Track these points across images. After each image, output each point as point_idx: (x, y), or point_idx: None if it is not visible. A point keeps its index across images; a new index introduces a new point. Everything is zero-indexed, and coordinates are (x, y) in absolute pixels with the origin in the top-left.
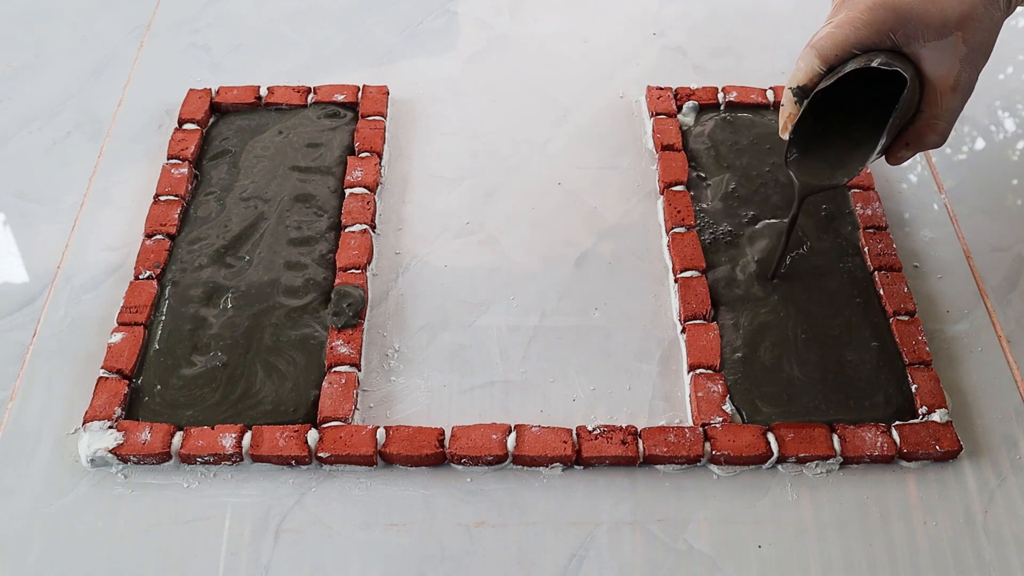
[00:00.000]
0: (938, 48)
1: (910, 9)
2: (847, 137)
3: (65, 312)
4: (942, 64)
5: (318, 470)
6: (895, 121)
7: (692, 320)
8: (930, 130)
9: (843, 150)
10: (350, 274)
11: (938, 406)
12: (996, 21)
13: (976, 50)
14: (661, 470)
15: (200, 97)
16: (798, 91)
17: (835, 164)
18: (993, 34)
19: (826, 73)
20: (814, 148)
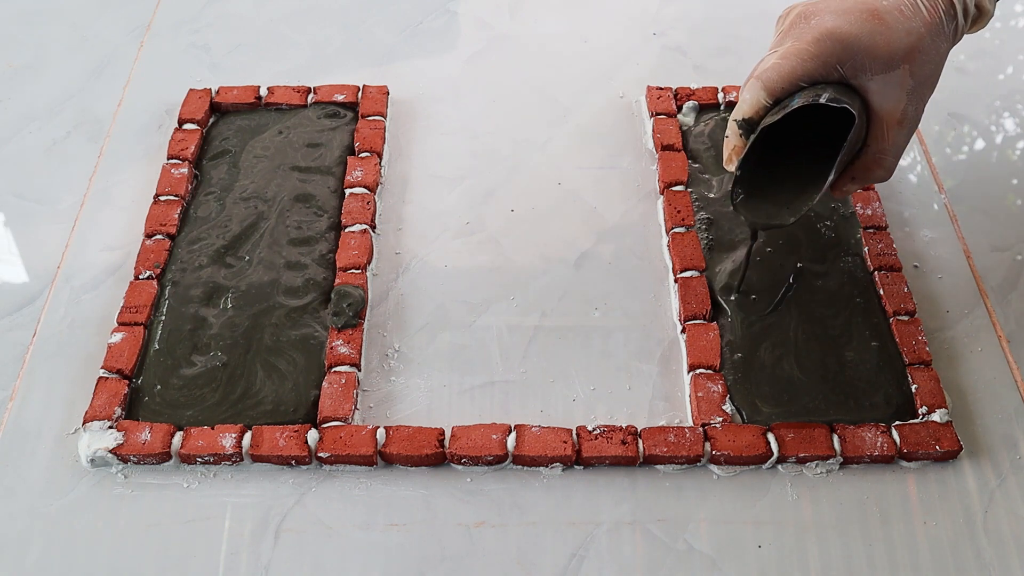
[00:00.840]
0: (885, 81)
1: (857, 41)
2: (793, 173)
3: (65, 312)
4: (889, 97)
5: (318, 470)
6: (843, 158)
7: (692, 320)
8: (876, 165)
9: (790, 188)
10: (350, 274)
11: (938, 406)
12: (942, 53)
13: (923, 83)
14: (661, 470)
15: (200, 97)
16: (743, 123)
17: (782, 202)
18: (939, 66)
19: (772, 106)
20: (760, 185)
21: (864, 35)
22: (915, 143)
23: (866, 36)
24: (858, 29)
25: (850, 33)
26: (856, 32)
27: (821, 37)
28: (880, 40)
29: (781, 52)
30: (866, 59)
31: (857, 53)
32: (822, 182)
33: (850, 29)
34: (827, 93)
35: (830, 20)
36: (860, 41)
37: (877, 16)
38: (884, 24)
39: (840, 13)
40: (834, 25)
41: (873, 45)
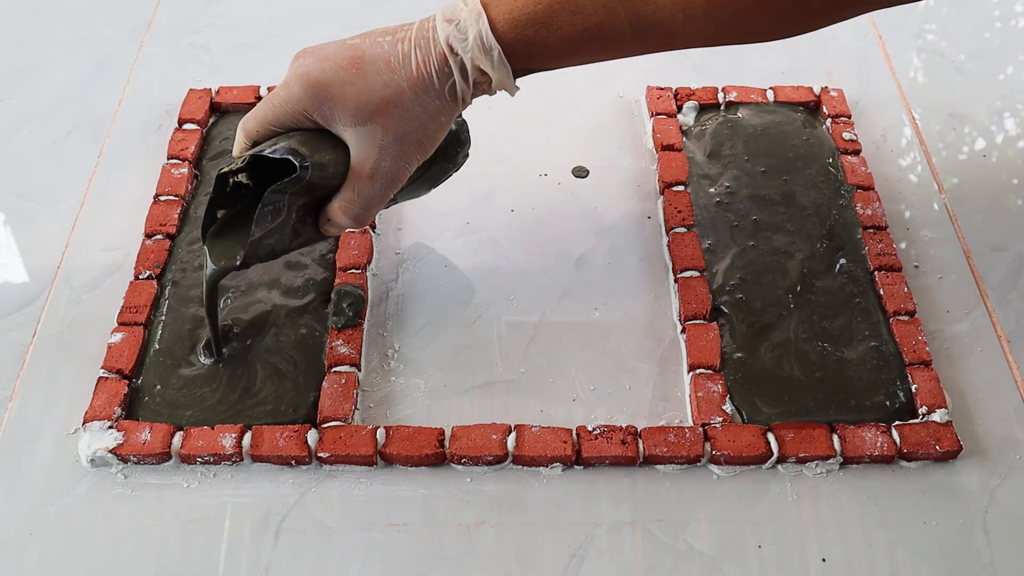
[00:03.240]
0: (357, 134)
1: (327, 89)
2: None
3: (65, 312)
4: (360, 150)
5: (318, 470)
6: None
7: (692, 320)
8: (343, 212)
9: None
10: (350, 274)
11: (938, 406)
12: (432, 111)
13: (402, 139)
14: (661, 470)
15: (200, 97)
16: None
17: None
18: (429, 124)
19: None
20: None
21: (336, 84)
22: (915, 143)
23: (337, 86)
24: (330, 77)
25: (320, 80)
26: (328, 80)
27: (291, 80)
28: (351, 91)
29: (267, 95)
30: (334, 109)
31: (325, 103)
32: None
33: (321, 76)
34: (284, 143)
35: (308, 64)
36: (330, 90)
37: (357, 65)
38: (361, 74)
39: (322, 58)
40: (307, 70)
41: (343, 95)
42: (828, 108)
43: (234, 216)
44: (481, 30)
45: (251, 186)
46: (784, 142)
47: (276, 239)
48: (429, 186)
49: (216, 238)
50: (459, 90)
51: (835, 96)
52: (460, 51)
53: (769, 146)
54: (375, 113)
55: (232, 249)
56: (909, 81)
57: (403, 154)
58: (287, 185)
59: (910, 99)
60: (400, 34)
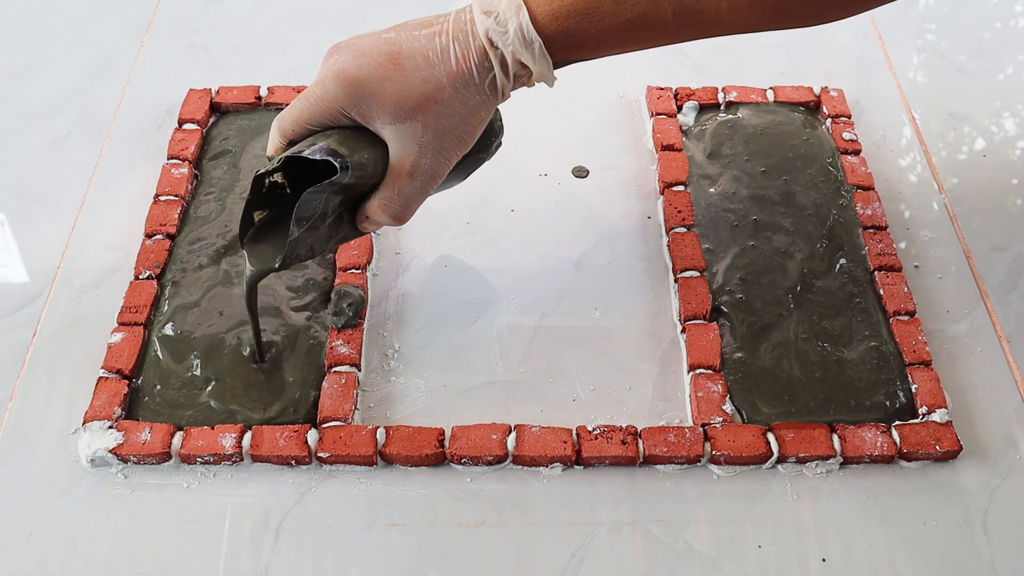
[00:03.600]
0: (397, 131)
1: (365, 87)
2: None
3: (65, 312)
4: (400, 148)
5: (318, 470)
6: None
7: (692, 320)
8: (382, 210)
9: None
10: (350, 274)
11: (938, 406)
12: (472, 105)
13: (442, 136)
14: (661, 470)
15: (200, 97)
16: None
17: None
18: (469, 119)
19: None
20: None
21: (374, 81)
22: (915, 143)
23: (375, 82)
24: (368, 74)
25: (357, 77)
26: (365, 77)
27: (326, 78)
28: (390, 88)
29: (303, 92)
30: (372, 107)
31: (363, 101)
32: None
33: (359, 73)
34: (322, 142)
35: (344, 60)
36: (368, 87)
37: (395, 61)
38: (400, 71)
39: (359, 54)
40: (343, 67)
41: (382, 93)
42: (828, 108)
43: (272, 218)
44: (522, 23)
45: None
46: (784, 142)
47: (315, 238)
48: (462, 176)
49: (255, 241)
50: (499, 84)
51: (835, 96)
52: (500, 45)
53: (769, 146)
54: (415, 110)
55: (271, 251)
56: (909, 81)
57: (443, 150)
58: (327, 187)
59: (910, 99)
60: (436, 27)
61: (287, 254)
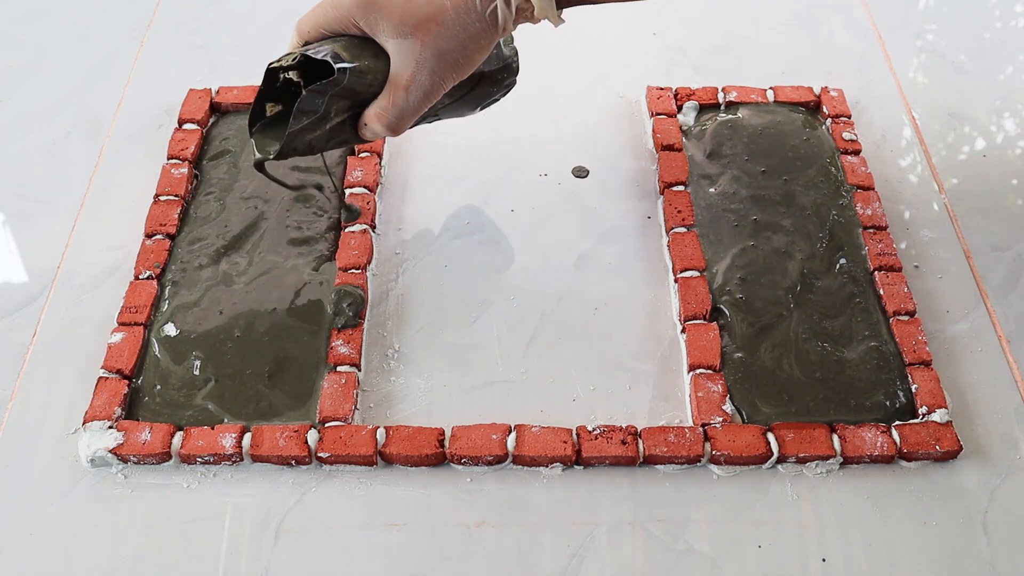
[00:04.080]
0: (398, 45)
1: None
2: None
3: (65, 312)
4: (399, 61)
5: (318, 470)
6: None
7: (692, 320)
8: (378, 119)
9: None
10: (350, 274)
11: (938, 406)
12: (472, 32)
13: (440, 56)
14: (661, 470)
15: (200, 97)
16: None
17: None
18: (468, 45)
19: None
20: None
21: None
22: (915, 143)
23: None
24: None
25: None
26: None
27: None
28: (396, 3)
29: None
30: (379, 20)
31: (371, 12)
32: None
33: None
34: (329, 46)
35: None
36: (377, 1)
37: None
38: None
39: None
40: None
41: (388, 6)
42: (828, 108)
43: (283, 112)
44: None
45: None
46: (784, 142)
47: (315, 136)
48: (473, 106)
49: (264, 130)
50: (500, 15)
51: (835, 96)
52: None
53: (769, 146)
54: (416, 28)
55: (273, 141)
56: (909, 81)
57: (439, 71)
58: (327, 87)
59: (910, 99)
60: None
61: (284, 145)
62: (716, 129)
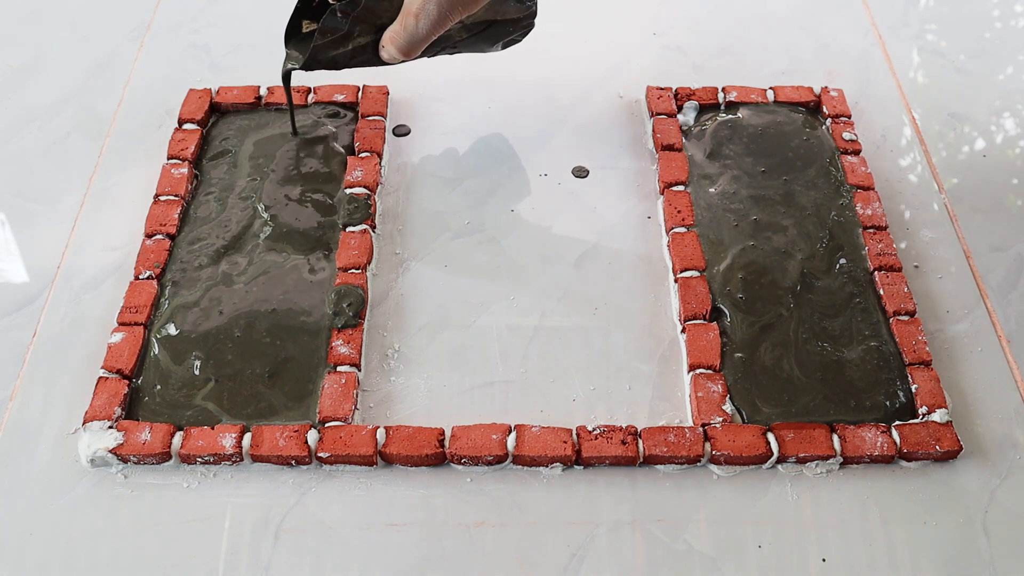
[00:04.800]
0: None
1: None
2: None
3: (65, 312)
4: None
5: (318, 470)
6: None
7: (692, 320)
8: (391, 41)
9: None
10: (350, 274)
11: (938, 406)
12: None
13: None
14: (661, 470)
15: (200, 97)
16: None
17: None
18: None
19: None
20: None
21: None
22: (915, 143)
23: None
24: None
25: None
26: None
27: None
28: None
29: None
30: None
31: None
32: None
33: None
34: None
35: None
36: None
37: None
38: None
39: None
40: None
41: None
42: (828, 108)
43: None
44: None
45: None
46: (784, 142)
47: (339, 53)
48: (492, 43)
49: (297, 43)
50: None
51: (835, 96)
52: None
53: (769, 146)
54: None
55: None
56: (909, 81)
57: (446, 3)
58: (347, 6)
59: (910, 99)
60: None
61: (309, 58)
62: (716, 129)
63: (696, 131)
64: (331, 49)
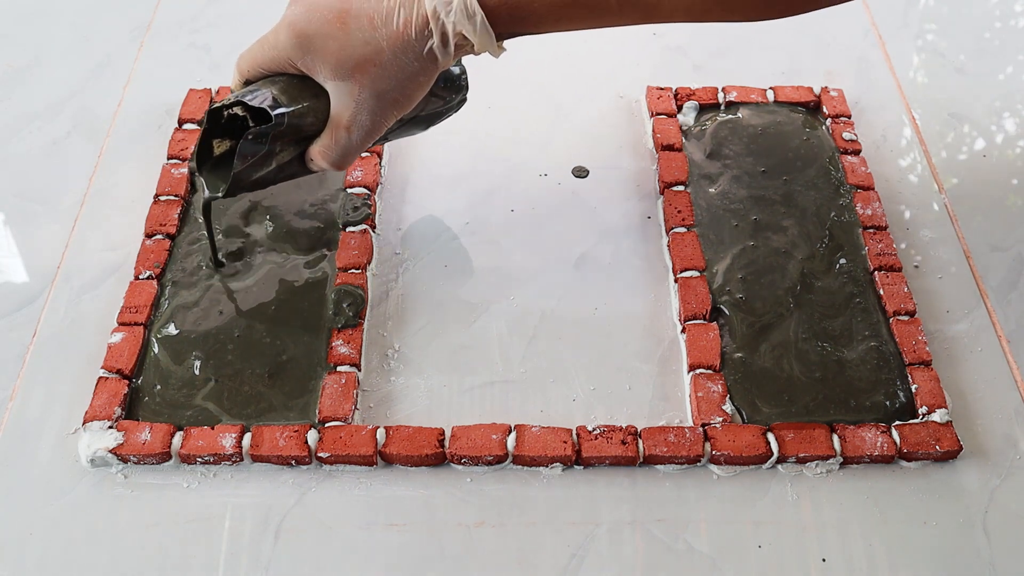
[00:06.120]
0: (337, 87)
1: (311, 41)
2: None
3: (65, 312)
4: (339, 102)
5: (318, 470)
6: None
7: (692, 320)
8: (321, 156)
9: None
10: (350, 274)
11: (938, 406)
12: (410, 71)
13: (379, 97)
14: (661, 470)
15: (200, 97)
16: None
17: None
18: (407, 83)
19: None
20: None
21: (319, 37)
22: (915, 143)
23: (320, 39)
24: (315, 29)
25: (305, 32)
26: (312, 32)
27: (280, 28)
28: (333, 46)
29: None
30: (315, 62)
31: (308, 54)
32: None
33: (307, 27)
34: (267, 89)
35: (298, 13)
36: (313, 42)
37: (342, 19)
38: (344, 29)
39: (311, 8)
40: (295, 19)
41: (325, 49)
42: (828, 108)
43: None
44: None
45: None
46: (784, 142)
47: (263, 174)
48: (424, 126)
49: (213, 168)
50: (438, 53)
51: (835, 96)
52: (443, 16)
53: (769, 146)
54: (354, 70)
55: (222, 180)
56: (909, 81)
57: (380, 110)
58: (264, 131)
59: (910, 99)
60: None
61: (231, 185)
62: (716, 129)
63: (696, 131)
64: (254, 171)
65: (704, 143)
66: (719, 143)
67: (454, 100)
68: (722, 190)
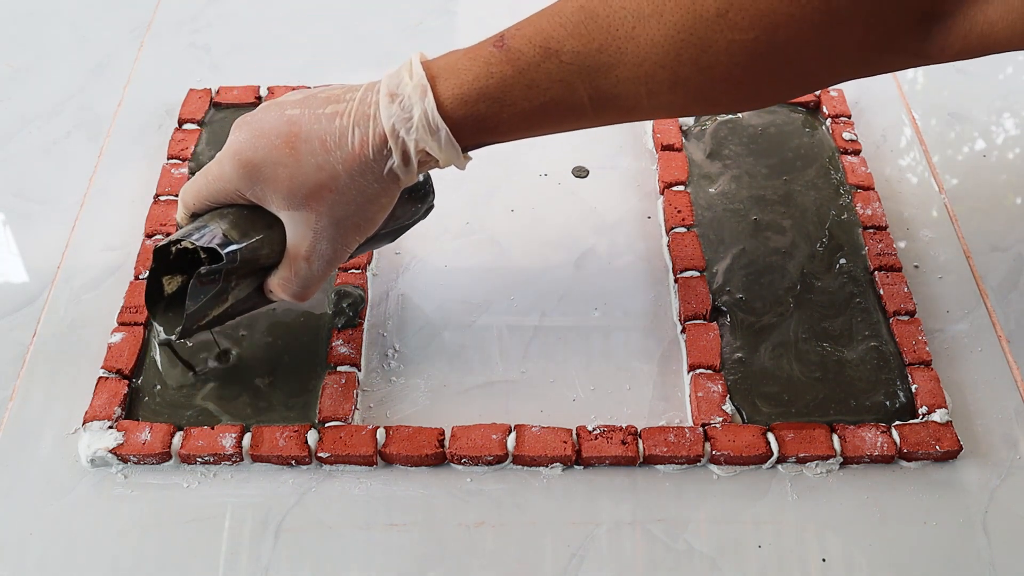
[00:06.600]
0: (290, 217)
1: (259, 171)
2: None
3: (65, 312)
4: (295, 233)
5: (318, 470)
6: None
7: (692, 320)
8: (282, 289)
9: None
10: (350, 274)
11: (938, 406)
12: (370, 194)
13: (339, 223)
14: (661, 470)
15: (200, 97)
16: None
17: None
18: (368, 207)
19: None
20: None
21: (268, 166)
22: (915, 143)
23: (269, 167)
24: (263, 157)
25: (252, 161)
26: (260, 161)
27: (225, 159)
28: (283, 174)
29: (206, 167)
30: (268, 192)
31: (257, 183)
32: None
33: (253, 156)
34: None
35: (242, 140)
36: (262, 171)
37: (291, 144)
38: (295, 156)
39: (257, 134)
40: (240, 148)
41: (275, 178)
42: (828, 108)
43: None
44: (427, 109)
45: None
46: (784, 142)
47: (219, 311)
48: (392, 238)
49: (166, 308)
50: (400, 173)
51: (835, 96)
52: (403, 133)
53: (769, 146)
54: (308, 198)
55: (177, 319)
56: (909, 81)
57: (340, 237)
58: (212, 271)
59: (910, 99)
60: (340, 107)
61: (185, 327)
62: (716, 129)
63: (696, 131)
64: (208, 309)
65: (704, 143)
66: (719, 143)
67: (420, 209)
68: (722, 190)
